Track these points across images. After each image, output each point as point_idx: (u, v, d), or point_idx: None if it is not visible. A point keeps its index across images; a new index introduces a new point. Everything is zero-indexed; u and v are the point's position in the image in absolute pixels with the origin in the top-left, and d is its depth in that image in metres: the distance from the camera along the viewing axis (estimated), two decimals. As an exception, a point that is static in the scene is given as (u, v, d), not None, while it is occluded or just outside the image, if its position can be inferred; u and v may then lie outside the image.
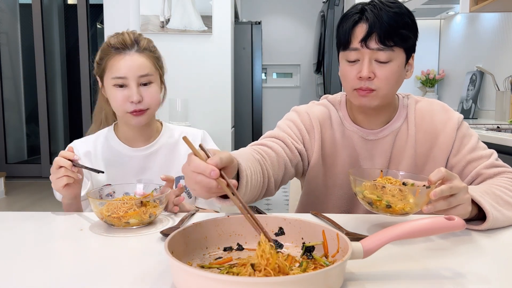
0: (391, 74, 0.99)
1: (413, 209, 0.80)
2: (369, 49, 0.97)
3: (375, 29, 0.95)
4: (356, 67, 1.00)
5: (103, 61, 1.14)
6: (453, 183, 0.78)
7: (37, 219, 0.95)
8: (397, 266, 0.67)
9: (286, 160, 1.04)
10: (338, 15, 3.86)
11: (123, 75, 1.11)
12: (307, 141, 1.11)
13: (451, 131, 1.07)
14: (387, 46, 0.96)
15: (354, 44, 0.98)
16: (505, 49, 2.74)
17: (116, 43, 1.13)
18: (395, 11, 0.96)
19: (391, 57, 0.98)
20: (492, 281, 0.62)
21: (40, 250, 0.75)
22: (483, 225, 0.82)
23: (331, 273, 0.54)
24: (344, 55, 1.02)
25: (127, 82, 1.12)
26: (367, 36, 0.96)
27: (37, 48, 4.71)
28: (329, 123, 1.12)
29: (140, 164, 1.20)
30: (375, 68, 0.98)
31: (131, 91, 1.11)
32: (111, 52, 1.13)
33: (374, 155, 1.10)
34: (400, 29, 0.96)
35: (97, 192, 0.95)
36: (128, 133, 1.22)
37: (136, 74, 1.12)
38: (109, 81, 1.13)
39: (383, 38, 0.96)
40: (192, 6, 3.29)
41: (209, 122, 3.36)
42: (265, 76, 5.44)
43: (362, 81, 0.99)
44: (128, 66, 1.11)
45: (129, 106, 1.12)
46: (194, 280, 0.52)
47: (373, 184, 0.81)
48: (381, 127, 1.10)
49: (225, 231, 0.72)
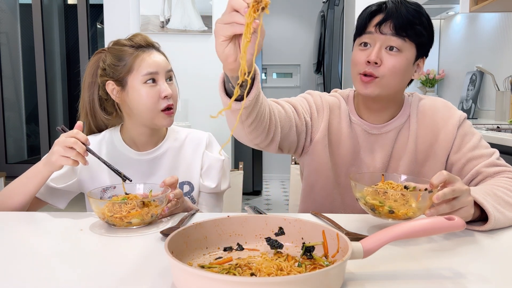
0: (398, 64, 1.01)
1: (416, 213, 0.79)
2: (382, 34, 1.00)
3: (392, 17, 1.00)
4: (366, 52, 1.03)
5: (125, 62, 1.12)
6: (455, 185, 0.77)
7: (37, 219, 0.95)
8: (397, 266, 0.67)
9: (292, 122, 1.06)
10: (338, 15, 3.86)
11: (155, 70, 1.12)
12: (315, 118, 1.13)
13: (452, 129, 1.08)
14: (400, 35, 1.00)
15: (369, 28, 1.02)
16: (505, 49, 2.74)
17: (140, 41, 1.15)
18: (414, 8, 1.02)
19: (401, 47, 1.01)
20: (492, 281, 0.62)
21: (40, 250, 0.75)
22: (484, 226, 0.82)
23: (331, 273, 0.54)
24: (358, 41, 1.06)
25: (157, 78, 1.13)
26: (382, 22, 1.00)
27: (37, 48, 4.71)
28: (338, 111, 1.15)
29: (146, 169, 1.18)
30: (384, 56, 1.01)
31: (162, 86, 1.13)
32: (134, 52, 1.13)
33: (375, 149, 1.11)
34: (415, 24, 1.00)
35: (98, 193, 0.95)
36: (137, 136, 1.19)
37: (165, 69, 1.15)
38: (138, 80, 1.11)
39: (398, 27, 1.00)
40: (192, 6, 3.29)
41: (209, 122, 3.35)
42: (265, 76, 5.44)
43: (368, 66, 1.02)
44: (157, 62, 1.13)
45: (162, 102, 1.12)
46: (194, 280, 0.52)
47: (374, 190, 0.81)
48: (385, 123, 1.11)
49: (225, 231, 0.72)
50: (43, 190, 1.11)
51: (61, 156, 0.95)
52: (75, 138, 0.95)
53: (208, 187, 1.20)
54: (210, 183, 1.20)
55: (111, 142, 1.20)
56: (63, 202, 1.16)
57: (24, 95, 5.35)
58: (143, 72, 1.11)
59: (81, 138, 0.96)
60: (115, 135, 1.21)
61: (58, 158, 0.95)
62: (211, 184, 1.20)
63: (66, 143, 0.95)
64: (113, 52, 1.14)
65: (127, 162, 1.17)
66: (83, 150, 0.95)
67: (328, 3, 3.95)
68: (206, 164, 1.21)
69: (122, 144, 1.19)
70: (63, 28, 5.60)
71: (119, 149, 1.19)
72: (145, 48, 1.14)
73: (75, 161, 0.96)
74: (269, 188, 4.94)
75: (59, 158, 0.95)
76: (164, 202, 0.91)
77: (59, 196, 1.15)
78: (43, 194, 1.12)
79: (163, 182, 0.96)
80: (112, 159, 1.16)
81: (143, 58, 1.12)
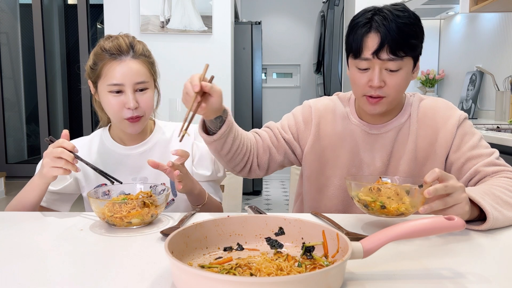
0: (401, 81, 1.02)
1: (409, 209, 0.81)
2: (380, 60, 0.99)
3: (387, 41, 0.97)
4: (367, 75, 1.02)
5: (98, 67, 1.12)
6: (449, 182, 0.78)
7: (37, 219, 0.95)
8: (397, 266, 0.67)
9: (270, 146, 1.16)
10: (338, 15, 3.86)
11: (120, 81, 1.09)
12: (302, 131, 1.18)
13: (451, 128, 1.08)
14: (398, 57, 0.99)
15: (366, 55, 1.00)
16: (505, 49, 2.74)
17: (111, 48, 1.10)
18: (404, 22, 0.98)
19: (400, 66, 1.00)
20: (492, 281, 0.62)
21: (40, 250, 0.75)
22: (483, 226, 0.82)
23: (331, 273, 0.54)
24: (355, 63, 1.04)
25: (123, 89, 1.10)
26: (379, 49, 0.98)
27: (37, 48, 4.71)
28: (332, 116, 1.17)
29: (135, 163, 1.20)
30: (385, 77, 1.01)
31: (127, 97, 1.09)
32: (106, 58, 1.10)
33: (375, 149, 1.12)
34: (410, 39, 0.99)
35: (92, 193, 0.95)
36: (122, 133, 1.21)
37: (133, 81, 1.10)
38: (104, 88, 1.11)
39: (394, 49, 0.98)
40: (192, 6, 3.29)
41: (209, 122, 3.36)
42: (265, 76, 5.44)
43: (373, 89, 1.02)
44: (124, 73, 1.09)
45: (126, 112, 1.11)
46: (194, 280, 0.52)
47: (368, 188, 0.83)
48: (384, 123, 1.12)
49: (225, 231, 0.72)
50: (45, 197, 1.14)
51: (51, 167, 0.95)
52: (62, 147, 0.96)
53: (203, 175, 1.22)
54: (204, 171, 1.22)
55: (101, 141, 1.22)
56: (66, 206, 1.21)
57: (24, 95, 5.35)
58: (107, 82, 1.10)
59: (67, 147, 0.96)
60: (104, 134, 1.23)
61: (49, 169, 0.96)
62: (206, 172, 1.22)
63: (54, 153, 0.95)
64: (94, 52, 1.14)
65: (117, 158, 1.19)
66: (71, 158, 0.95)
67: (328, 3, 3.95)
68: (197, 155, 1.22)
69: (111, 141, 1.21)
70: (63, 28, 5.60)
71: (108, 146, 1.21)
72: (117, 55, 1.10)
73: (66, 170, 0.96)
74: (269, 188, 4.94)
75: (49, 169, 0.96)
76: (164, 202, 0.92)
77: (61, 200, 1.19)
78: (46, 201, 1.15)
79: (175, 150, 1.00)
80: (103, 156, 1.19)
81: (110, 67, 1.09)
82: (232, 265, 0.61)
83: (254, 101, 4.37)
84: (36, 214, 0.99)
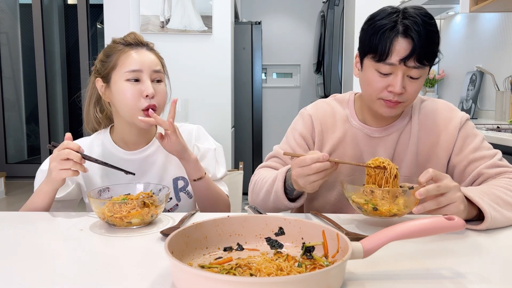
0: (419, 88, 1.02)
1: (401, 210, 0.81)
2: (406, 67, 0.97)
3: (418, 48, 0.94)
4: (388, 80, 0.99)
5: (112, 58, 1.11)
6: (442, 182, 0.78)
7: (37, 219, 0.95)
8: (397, 266, 0.67)
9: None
10: (338, 15, 3.86)
11: (138, 67, 1.09)
12: (310, 142, 1.17)
13: (453, 130, 1.08)
14: (423, 65, 0.97)
15: (392, 60, 0.96)
16: (505, 49, 2.74)
17: (129, 39, 1.12)
18: (433, 30, 0.96)
19: (421, 74, 0.99)
20: (492, 281, 0.62)
21: (40, 250, 0.75)
22: (481, 225, 0.82)
23: (331, 273, 0.54)
24: (376, 65, 0.99)
25: (141, 76, 1.09)
26: (409, 56, 0.95)
27: (37, 48, 4.72)
28: (332, 120, 1.15)
29: (138, 168, 1.17)
30: (407, 84, 0.99)
31: (145, 85, 1.08)
32: (121, 48, 1.11)
33: (377, 152, 1.11)
34: (435, 48, 0.98)
35: (96, 193, 0.95)
36: (127, 135, 1.17)
37: (151, 68, 1.10)
38: (120, 76, 1.09)
39: (422, 57, 0.96)
40: (192, 6, 3.29)
41: (209, 122, 3.36)
42: (265, 76, 5.44)
43: (391, 94, 1.00)
44: (142, 60, 1.10)
45: (143, 102, 1.08)
46: (194, 280, 0.52)
47: (362, 190, 0.84)
48: (386, 125, 1.11)
49: (225, 231, 0.72)
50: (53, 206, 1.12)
51: (60, 170, 0.94)
52: (68, 148, 0.95)
53: None
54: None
55: (101, 144, 1.19)
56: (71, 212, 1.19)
57: (24, 95, 5.35)
58: (126, 68, 1.09)
59: (73, 147, 0.95)
60: (105, 137, 1.20)
61: (58, 173, 0.95)
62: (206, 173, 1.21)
63: (61, 156, 0.94)
64: (105, 50, 1.15)
65: (117, 162, 1.15)
66: (78, 158, 0.94)
67: (328, 3, 3.95)
68: (198, 156, 1.21)
69: (112, 144, 1.19)
70: (63, 28, 5.60)
71: (110, 150, 1.18)
72: (134, 45, 1.12)
73: (75, 171, 0.95)
74: (269, 188, 4.93)
75: (58, 172, 0.95)
76: (164, 202, 0.91)
77: (64, 207, 1.17)
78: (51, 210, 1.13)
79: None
80: (103, 159, 1.15)
81: (128, 55, 1.10)
82: (232, 265, 0.61)
83: (254, 101, 4.37)
84: (36, 215, 0.99)
